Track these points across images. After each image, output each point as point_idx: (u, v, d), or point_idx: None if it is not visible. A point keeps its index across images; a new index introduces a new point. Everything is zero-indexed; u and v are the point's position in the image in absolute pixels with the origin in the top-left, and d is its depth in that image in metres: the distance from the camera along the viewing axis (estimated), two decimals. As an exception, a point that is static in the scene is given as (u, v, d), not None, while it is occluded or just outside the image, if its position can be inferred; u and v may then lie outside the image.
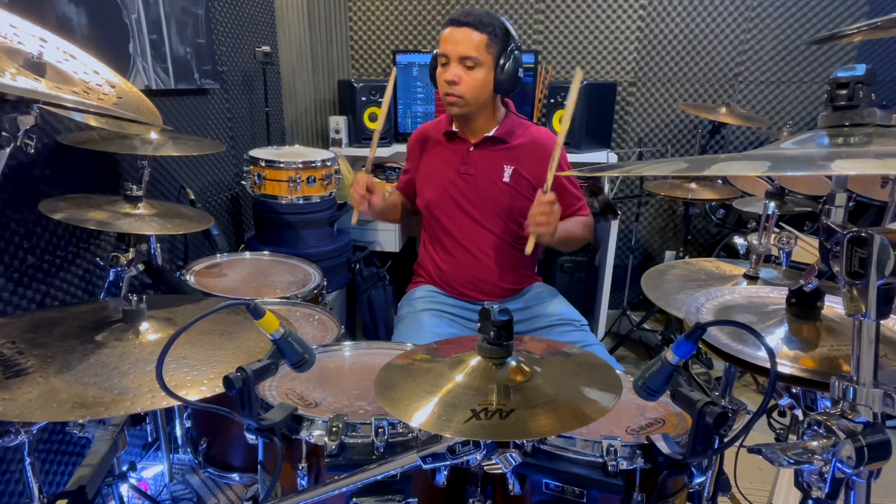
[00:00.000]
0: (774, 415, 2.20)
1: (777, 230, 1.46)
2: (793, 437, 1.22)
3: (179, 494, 1.85)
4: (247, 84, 2.49)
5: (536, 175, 1.68)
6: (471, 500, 0.98)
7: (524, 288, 1.81)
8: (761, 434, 2.10)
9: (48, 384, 0.88)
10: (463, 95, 1.58)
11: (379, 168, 2.94)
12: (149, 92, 1.81)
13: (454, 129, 1.72)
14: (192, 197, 1.95)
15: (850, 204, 0.73)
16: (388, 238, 2.81)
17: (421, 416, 0.78)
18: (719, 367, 2.69)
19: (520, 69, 1.61)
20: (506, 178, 1.68)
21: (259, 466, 1.09)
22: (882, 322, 0.65)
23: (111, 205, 1.42)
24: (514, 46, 1.59)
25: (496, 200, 1.69)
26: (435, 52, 1.66)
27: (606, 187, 2.66)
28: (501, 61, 1.57)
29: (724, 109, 2.63)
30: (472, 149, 1.70)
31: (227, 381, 0.81)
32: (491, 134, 1.68)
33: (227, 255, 1.90)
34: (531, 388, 0.83)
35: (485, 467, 0.86)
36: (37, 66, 1.03)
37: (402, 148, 2.56)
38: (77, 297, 1.58)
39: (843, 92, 0.82)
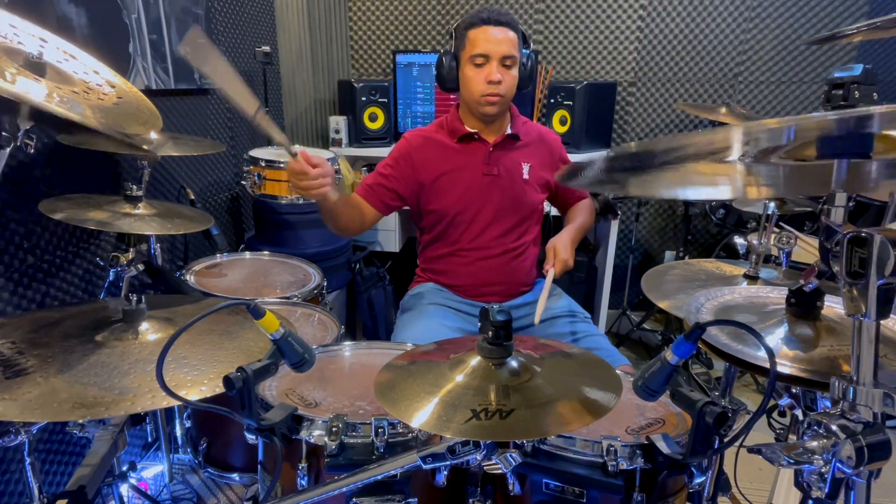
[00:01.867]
0: (774, 415, 2.20)
1: (777, 230, 1.46)
2: (793, 437, 1.22)
3: (179, 494, 1.84)
4: (247, 84, 2.49)
5: (544, 172, 1.71)
6: (471, 500, 0.98)
7: (532, 288, 1.81)
8: (761, 434, 2.10)
9: (48, 384, 0.88)
10: (504, 94, 1.59)
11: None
12: (149, 92, 1.80)
13: (470, 129, 1.67)
14: (192, 197, 1.95)
15: (850, 204, 0.72)
16: (388, 238, 2.81)
17: (421, 416, 0.78)
18: (719, 367, 2.69)
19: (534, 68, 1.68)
20: (525, 175, 1.69)
21: (259, 466, 1.09)
22: (882, 322, 0.65)
23: (111, 205, 1.42)
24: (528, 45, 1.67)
25: (518, 198, 1.69)
26: (447, 49, 1.65)
27: (606, 187, 2.66)
28: (524, 60, 1.61)
29: (724, 109, 2.63)
30: (492, 149, 1.68)
31: (227, 381, 0.81)
32: (510, 131, 1.68)
33: (227, 255, 1.90)
34: (531, 388, 0.83)
35: (485, 467, 0.86)
36: (37, 66, 1.03)
37: (402, 148, 2.55)
38: (77, 297, 1.58)
39: (839, 92, 0.83)
